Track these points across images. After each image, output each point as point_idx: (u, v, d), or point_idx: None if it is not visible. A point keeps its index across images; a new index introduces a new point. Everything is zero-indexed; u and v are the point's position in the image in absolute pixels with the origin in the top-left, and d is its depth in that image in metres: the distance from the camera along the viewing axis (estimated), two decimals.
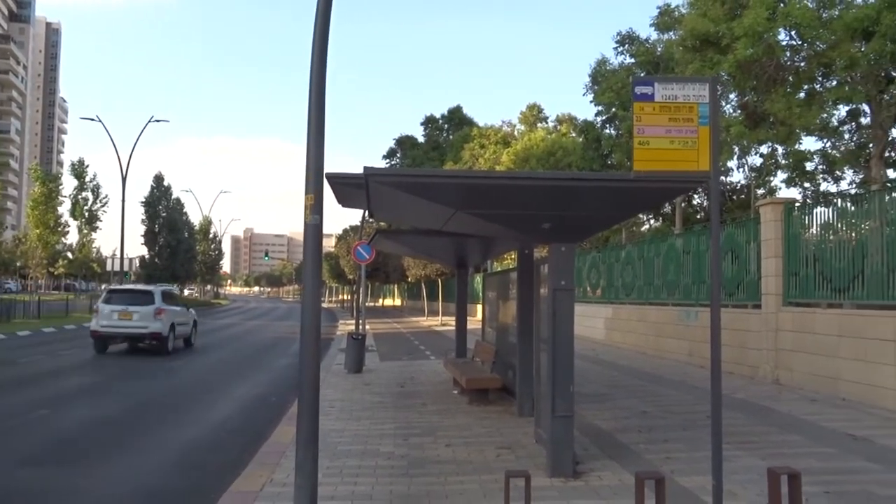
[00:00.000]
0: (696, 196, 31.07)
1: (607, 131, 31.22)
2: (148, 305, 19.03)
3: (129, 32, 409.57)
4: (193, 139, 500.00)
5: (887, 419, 9.07)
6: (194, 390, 13.13)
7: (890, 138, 18.27)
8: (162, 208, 63.71)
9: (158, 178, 64.27)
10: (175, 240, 63.90)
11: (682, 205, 29.62)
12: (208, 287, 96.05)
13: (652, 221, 34.81)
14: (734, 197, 30.43)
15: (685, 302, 16.15)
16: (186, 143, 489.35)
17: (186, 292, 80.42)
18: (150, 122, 42.26)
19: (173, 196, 65.87)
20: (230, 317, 47.95)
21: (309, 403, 4.86)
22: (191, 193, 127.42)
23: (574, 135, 40.63)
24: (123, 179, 38.84)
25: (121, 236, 39.06)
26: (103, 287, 42.61)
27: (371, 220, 13.30)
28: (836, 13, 16.29)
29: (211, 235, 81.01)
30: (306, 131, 4.88)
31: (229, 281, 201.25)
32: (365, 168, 5.47)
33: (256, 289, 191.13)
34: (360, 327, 19.50)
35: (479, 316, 15.87)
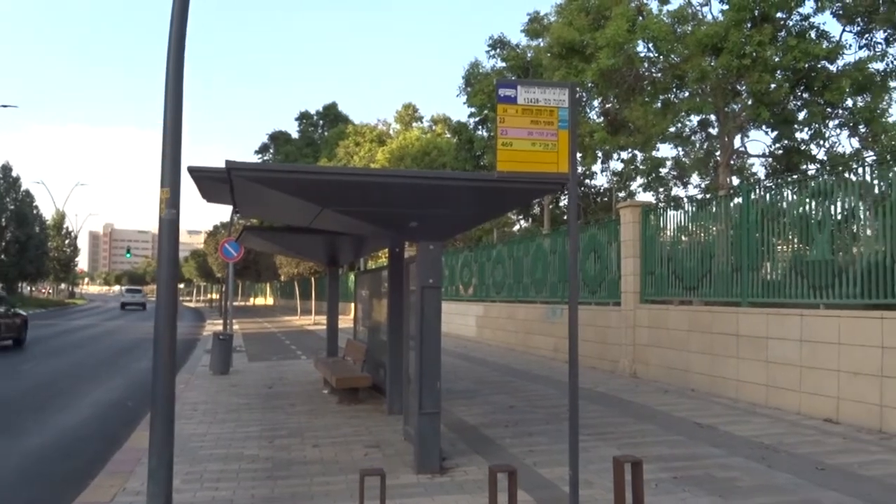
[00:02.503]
0: (563, 198, 32.27)
1: (479, 133, 31.86)
2: (140, 294, 66.81)
3: None
4: (46, 126, 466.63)
5: (730, 407, 9.79)
6: (43, 395, 12.20)
7: (735, 147, 19.73)
8: (10, 201, 58.87)
9: (6, 169, 59.36)
10: (24, 235, 59.23)
11: (550, 206, 30.71)
12: (63, 286, 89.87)
13: (522, 222, 35.87)
14: (598, 199, 31.87)
15: (552, 300, 16.73)
16: (38, 130, 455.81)
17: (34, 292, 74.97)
18: None
19: (22, 188, 61.08)
20: (87, 317, 45.03)
21: (163, 406, 4.65)
22: (43, 185, 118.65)
23: (449, 135, 41.18)
24: None
25: None
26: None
27: (238, 216, 12.88)
28: (689, 29, 17.40)
29: (65, 231, 75.82)
30: (162, 120, 4.66)
31: (87, 279, 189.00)
32: (227, 162, 5.28)
33: (118, 287, 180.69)
34: (228, 327, 18.86)
35: (353, 314, 15.77)
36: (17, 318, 21.62)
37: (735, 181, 20.53)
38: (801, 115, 18.63)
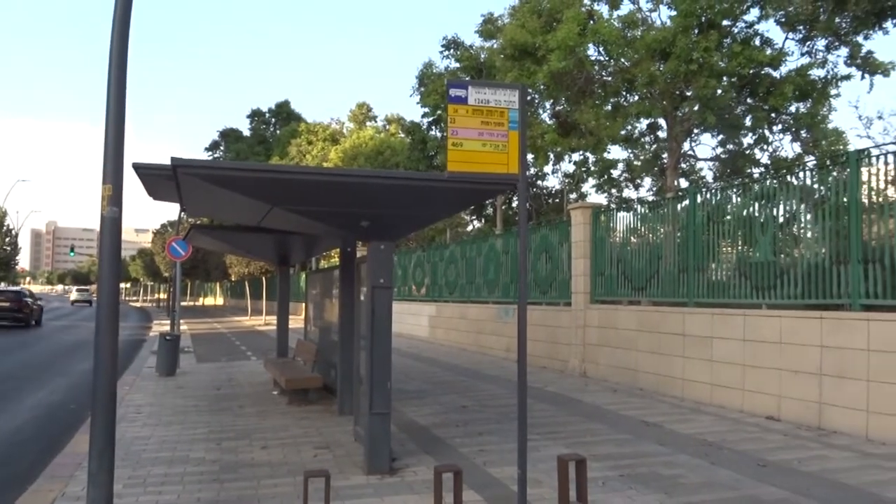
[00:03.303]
0: (515, 198, 32.51)
1: (433, 133, 31.90)
2: (87, 293, 70.93)
3: None
4: None
5: (676, 406, 9.98)
6: None
7: (682, 151, 20.14)
8: None
9: None
10: None
11: (503, 207, 30.90)
12: (2, 285, 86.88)
13: (475, 222, 36.02)
14: (550, 200, 32.20)
15: (504, 300, 16.83)
16: None
17: None
18: None
19: None
20: None
21: (103, 408, 4.51)
22: None
23: (402, 135, 41.10)
24: None
25: None
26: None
27: (185, 213, 12.62)
28: (639, 34, 17.68)
29: (5, 228, 73.31)
30: (105, 114, 4.53)
31: (28, 279, 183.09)
32: (173, 159, 5.16)
33: (61, 287, 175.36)
34: (175, 327, 18.49)
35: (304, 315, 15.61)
36: (39, 307, 32.72)
37: (684, 184, 20.95)
38: (747, 121, 19.12)
